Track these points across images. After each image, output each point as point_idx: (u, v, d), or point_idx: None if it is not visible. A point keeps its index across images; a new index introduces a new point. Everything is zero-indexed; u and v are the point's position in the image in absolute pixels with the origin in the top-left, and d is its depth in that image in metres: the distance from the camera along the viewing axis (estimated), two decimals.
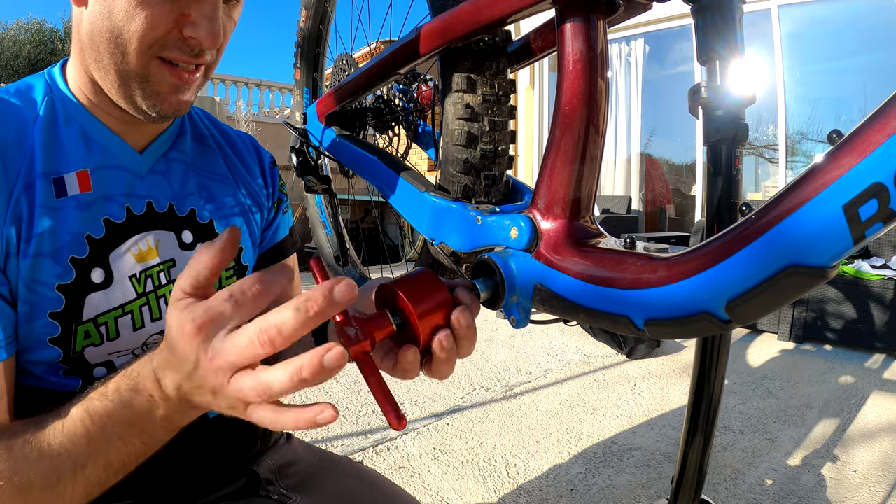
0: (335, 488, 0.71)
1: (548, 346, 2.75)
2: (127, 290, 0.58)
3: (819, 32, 4.36)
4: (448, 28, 0.62)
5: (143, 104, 0.53)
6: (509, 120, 0.70)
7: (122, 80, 0.51)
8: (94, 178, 0.55)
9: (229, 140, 0.72)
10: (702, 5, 0.50)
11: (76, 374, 0.57)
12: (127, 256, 0.57)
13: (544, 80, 5.85)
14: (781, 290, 0.32)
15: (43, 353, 0.54)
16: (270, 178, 0.74)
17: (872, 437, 1.77)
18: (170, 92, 0.52)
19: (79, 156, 0.55)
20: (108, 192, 0.56)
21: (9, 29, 10.26)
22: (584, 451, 1.68)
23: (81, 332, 0.55)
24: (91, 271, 0.55)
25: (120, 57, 0.50)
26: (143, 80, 0.51)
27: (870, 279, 2.68)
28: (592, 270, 0.43)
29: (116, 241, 0.57)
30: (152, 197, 0.60)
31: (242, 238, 0.68)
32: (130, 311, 0.58)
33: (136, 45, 0.48)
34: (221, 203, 0.66)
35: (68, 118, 0.55)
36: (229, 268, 0.67)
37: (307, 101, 1.26)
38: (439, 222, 0.67)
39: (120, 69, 0.50)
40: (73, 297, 0.54)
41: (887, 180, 0.27)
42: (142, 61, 0.50)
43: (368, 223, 6.16)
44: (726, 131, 0.49)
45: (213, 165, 0.67)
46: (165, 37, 0.49)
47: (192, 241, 0.63)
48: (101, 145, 0.56)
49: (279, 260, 0.76)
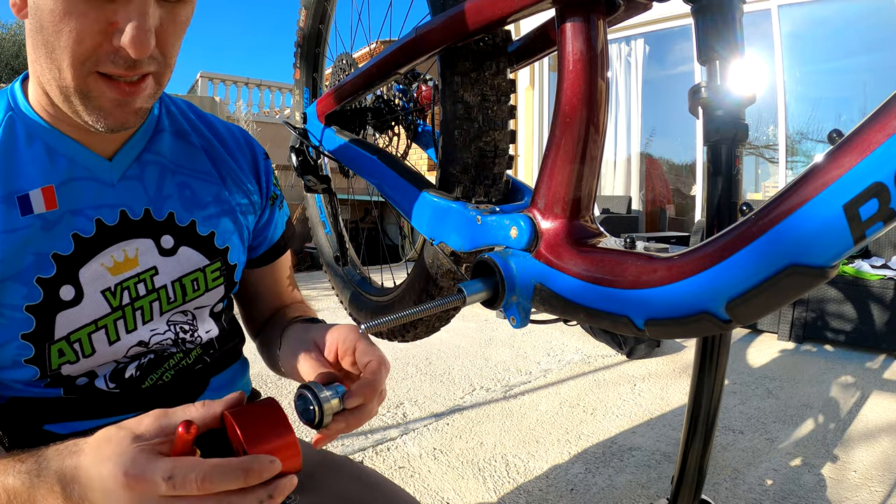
0: (335, 488, 0.71)
1: (548, 346, 2.75)
2: (99, 304, 0.56)
3: (819, 32, 4.36)
4: (448, 28, 0.62)
5: (88, 119, 0.50)
6: (509, 120, 0.70)
7: (65, 96, 0.49)
8: (59, 192, 0.53)
9: (217, 134, 0.68)
10: (702, 5, 0.49)
11: (58, 385, 0.57)
12: (99, 270, 0.56)
13: (544, 80, 5.84)
14: (782, 290, 0.32)
15: (20, 373, 0.54)
16: (264, 174, 0.71)
17: (872, 437, 1.77)
18: (112, 107, 0.49)
19: (43, 172, 0.53)
20: (75, 207, 0.54)
21: (9, 29, 10.25)
22: (584, 451, 1.67)
23: (55, 351, 0.54)
24: (59, 289, 0.54)
25: (57, 73, 0.47)
26: (84, 96, 0.48)
27: (870, 279, 2.68)
28: (592, 270, 0.43)
29: (87, 256, 0.55)
30: (125, 205, 0.57)
31: (230, 237, 0.66)
32: (104, 325, 0.57)
33: (69, 61, 0.46)
34: (205, 203, 0.64)
35: (30, 136, 0.53)
36: (216, 269, 0.65)
37: (307, 101, 1.26)
38: (439, 222, 0.67)
39: (60, 84, 0.48)
40: (43, 316, 0.53)
41: (887, 180, 0.27)
42: (78, 77, 0.47)
43: (368, 223, 6.16)
44: (726, 131, 0.49)
45: (196, 163, 0.64)
46: (97, 50, 0.46)
47: (172, 245, 0.61)
48: (68, 157, 0.54)
49: (276, 258, 0.75)
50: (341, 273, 1.20)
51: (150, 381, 0.61)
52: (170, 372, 0.63)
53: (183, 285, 0.62)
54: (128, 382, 0.60)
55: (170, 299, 0.61)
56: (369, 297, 1.08)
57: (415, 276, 0.84)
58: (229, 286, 0.68)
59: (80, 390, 0.58)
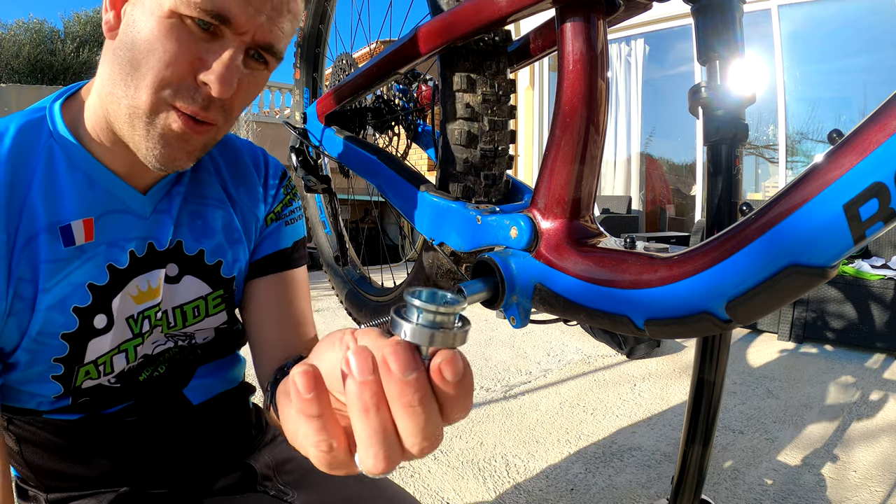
0: (334, 486, 0.71)
1: (548, 346, 2.75)
2: (124, 331, 0.58)
3: (819, 32, 4.36)
4: (448, 28, 0.62)
5: (144, 146, 0.50)
6: (509, 120, 0.70)
7: (130, 117, 0.49)
8: (98, 225, 0.54)
9: (231, 156, 0.67)
10: (702, 5, 0.49)
11: (69, 396, 0.59)
12: (126, 299, 0.57)
13: (544, 80, 5.84)
14: (782, 290, 0.32)
15: (45, 388, 0.56)
16: (273, 198, 0.69)
17: (872, 437, 1.77)
18: (174, 138, 0.50)
19: (83, 203, 0.53)
20: (112, 239, 0.55)
21: (9, 29, 10.25)
22: (584, 451, 1.67)
23: (83, 372, 0.57)
24: (94, 318, 0.55)
25: (133, 91, 0.48)
26: (150, 122, 0.49)
27: (870, 279, 2.68)
28: (592, 270, 0.43)
29: (119, 286, 0.56)
30: (153, 237, 0.59)
31: (236, 266, 0.66)
32: (125, 349, 0.59)
33: (150, 80, 0.47)
34: (214, 232, 0.64)
35: (71, 165, 0.53)
36: (218, 296, 0.65)
37: (307, 101, 1.26)
38: (439, 222, 0.67)
39: (131, 104, 0.49)
40: (77, 343, 0.55)
41: (888, 180, 0.27)
42: (153, 100, 0.48)
43: (368, 223, 6.16)
44: (726, 131, 0.49)
45: (207, 189, 0.64)
46: (181, 80, 0.47)
47: (176, 273, 0.61)
48: (106, 190, 0.55)
49: (281, 268, 0.69)
50: (341, 273, 1.20)
51: (146, 373, 0.64)
52: (163, 365, 0.65)
53: (184, 312, 0.64)
54: (126, 376, 0.62)
55: (170, 324, 0.63)
56: (369, 297, 1.08)
57: (415, 276, 0.84)
58: (231, 309, 0.69)
59: (86, 393, 0.60)
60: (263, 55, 0.51)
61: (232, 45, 0.48)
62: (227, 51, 0.47)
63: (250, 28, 0.48)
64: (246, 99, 0.53)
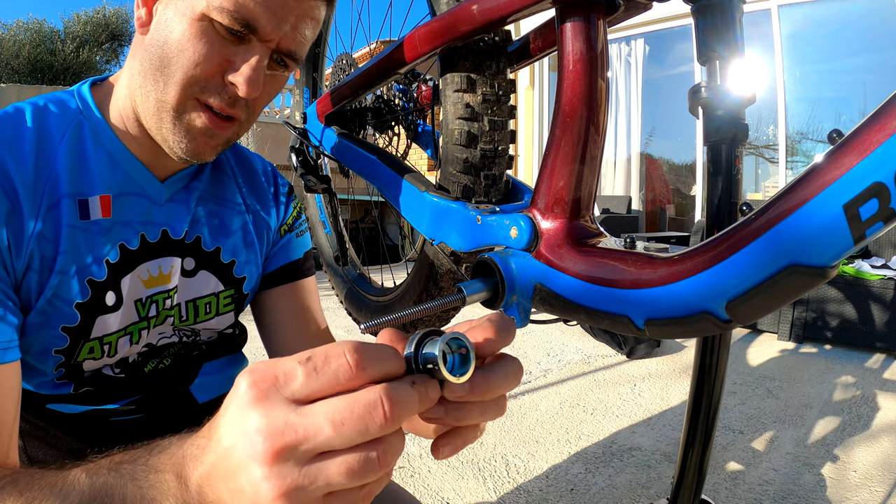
0: None
1: (548, 346, 2.75)
2: (131, 313, 0.59)
3: (819, 32, 4.36)
4: (448, 28, 0.62)
5: (172, 138, 0.53)
6: (509, 120, 0.70)
7: (158, 111, 0.52)
8: (114, 203, 0.56)
9: (246, 166, 0.72)
10: (702, 5, 0.49)
11: (70, 379, 0.59)
12: (136, 281, 0.59)
13: (544, 80, 5.84)
14: (782, 290, 0.32)
15: (45, 361, 0.56)
16: (284, 210, 0.74)
17: (872, 437, 1.77)
18: (199, 133, 0.53)
19: (104, 180, 0.56)
20: (126, 219, 0.57)
21: (9, 29, 10.23)
22: (584, 451, 1.67)
23: (86, 348, 0.57)
24: (105, 293, 0.57)
25: (162, 86, 0.51)
26: (178, 116, 0.52)
27: (870, 279, 2.68)
28: (592, 270, 0.43)
29: (129, 267, 0.58)
30: (168, 225, 0.61)
31: (248, 267, 0.69)
32: (131, 332, 0.60)
33: (180, 77, 0.50)
34: (231, 232, 0.67)
35: (97, 141, 0.56)
36: (229, 295, 0.68)
37: (307, 101, 1.26)
38: (439, 222, 0.67)
39: (159, 98, 0.51)
40: (87, 315, 0.56)
41: (888, 180, 0.27)
42: (181, 96, 0.51)
43: (368, 223, 6.16)
44: (726, 131, 0.49)
45: (227, 192, 0.68)
46: (209, 79, 0.51)
47: (193, 267, 0.64)
48: (126, 171, 0.57)
49: (294, 278, 0.73)
50: (341, 273, 1.20)
51: (150, 365, 0.65)
52: (168, 358, 0.66)
53: (196, 307, 0.65)
54: (131, 367, 0.63)
55: (182, 318, 0.65)
56: (369, 297, 1.08)
57: (415, 276, 0.84)
58: (238, 311, 0.71)
59: (88, 381, 0.60)
60: (285, 59, 0.54)
61: (258, 51, 0.51)
62: (254, 56, 0.51)
63: (275, 36, 0.51)
64: (267, 98, 0.56)
